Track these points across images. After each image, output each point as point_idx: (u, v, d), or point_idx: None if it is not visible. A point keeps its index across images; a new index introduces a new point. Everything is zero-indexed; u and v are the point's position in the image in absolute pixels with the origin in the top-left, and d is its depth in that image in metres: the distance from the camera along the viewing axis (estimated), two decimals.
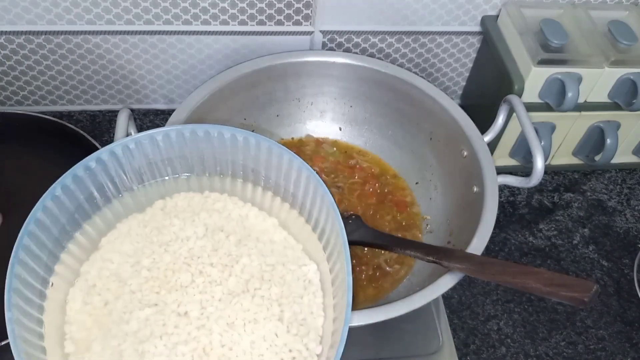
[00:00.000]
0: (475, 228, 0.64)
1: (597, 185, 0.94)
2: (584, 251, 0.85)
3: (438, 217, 0.78)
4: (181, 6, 0.80)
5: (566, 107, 0.78)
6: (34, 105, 0.93)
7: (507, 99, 0.72)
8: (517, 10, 0.83)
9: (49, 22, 0.80)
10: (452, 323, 0.76)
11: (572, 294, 0.49)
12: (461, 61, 0.94)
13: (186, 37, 0.84)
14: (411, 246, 0.67)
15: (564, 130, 0.87)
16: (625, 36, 0.81)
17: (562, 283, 0.50)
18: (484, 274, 0.56)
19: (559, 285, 0.50)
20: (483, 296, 0.79)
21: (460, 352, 0.73)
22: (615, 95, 0.82)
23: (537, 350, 0.75)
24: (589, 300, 0.48)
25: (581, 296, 0.48)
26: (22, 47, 0.83)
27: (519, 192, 0.91)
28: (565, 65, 0.78)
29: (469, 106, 0.93)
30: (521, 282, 0.52)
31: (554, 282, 0.50)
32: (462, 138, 0.73)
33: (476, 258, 0.59)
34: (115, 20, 0.81)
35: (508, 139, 0.86)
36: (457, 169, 0.75)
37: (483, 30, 0.87)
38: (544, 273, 0.52)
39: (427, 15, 0.85)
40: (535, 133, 0.67)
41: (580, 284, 0.49)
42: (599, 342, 0.76)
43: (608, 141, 0.85)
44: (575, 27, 0.82)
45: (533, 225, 0.87)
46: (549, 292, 0.50)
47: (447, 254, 0.58)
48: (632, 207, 0.91)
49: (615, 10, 0.86)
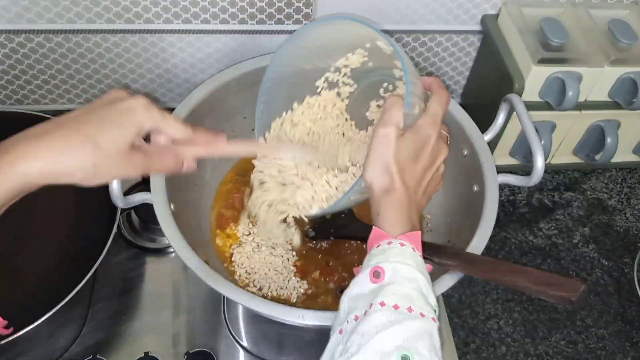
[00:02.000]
0: (475, 227, 0.64)
1: (597, 184, 0.94)
2: (584, 250, 0.85)
3: (438, 216, 0.78)
4: (181, 5, 0.80)
5: (566, 106, 0.78)
6: (33, 104, 0.92)
7: (507, 98, 0.72)
8: (518, 9, 0.83)
9: (48, 20, 0.80)
10: (452, 322, 0.76)
11: (560, 293, 0.49)
12: (461, 60, 0.94)
13: (186, 35, 0.84)
14: None
15: (564, 129, 0.87)
16: (625, 35, 0.81)
17: (551, 282, 0.50)
18: (474, 271, 0.56)
19: (547, 284, 0.50)
20: (483, 295, 0.79)
21: (460, 351, 0.73)
22: (616, 94, 0.82)
23: (537, 350, 0.75)
24: (576, 299, 0.48)
25: (569, 295, 0.49)
26: (22, 45, 0.83)
27: (519, 191, 0.91)
28: (566, 64, 0.78)
29: (469, 105, 0.93)
30: (510, 281, 0.52)
31: (543, 281, 0.51)
32: (462, 137, 0.73)
33: (467, 255, 0.59)
34: (114, 19, 0.81)
35: (508, 138, 0.86)
36: (457, 168, 0.75)
37: (483, 29, 0.87)
38: (533, 272, 0.52)
39: (427, 14, 0.85)
40: (536, 132, 0.66)
41: (569, 283, 0.50)
42: (599, 341, 0.76)
43: (608, 140, 0.85)
44: (576, 26, 0.82)
45: (533, 224, 0.87)
46: (538, 291, 0.51)
47: (437, 250, 0.58)
48: (632, 206, 0.91)
49: (616, 9, 0.86)
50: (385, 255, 0.48)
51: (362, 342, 0.42)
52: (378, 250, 0.49)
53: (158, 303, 0.74)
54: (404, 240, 0.49)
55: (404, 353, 0.41)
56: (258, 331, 0.73)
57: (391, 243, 0.49)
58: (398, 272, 0.47)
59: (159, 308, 0.74)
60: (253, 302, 0.57)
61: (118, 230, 0.79)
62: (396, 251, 0.48)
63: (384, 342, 0.42)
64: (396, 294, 0.45)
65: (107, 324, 0.72)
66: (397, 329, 0.43)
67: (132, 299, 0.75)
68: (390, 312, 0.44)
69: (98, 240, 0.67)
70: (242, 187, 0.78)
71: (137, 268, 0.78)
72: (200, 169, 0.77)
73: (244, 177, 0.79)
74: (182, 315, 0.74)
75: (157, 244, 0.80)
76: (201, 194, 0.78)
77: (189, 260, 0.59)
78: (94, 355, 0.69)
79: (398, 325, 0.43)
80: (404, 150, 0.53)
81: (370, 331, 0.43)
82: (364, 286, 0.47)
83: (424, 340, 0.43)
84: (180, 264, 0.77)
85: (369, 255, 0.50)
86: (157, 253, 0.80)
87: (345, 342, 0.43)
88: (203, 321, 0.73)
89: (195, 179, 0.77)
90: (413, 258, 0.48)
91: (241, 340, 0.72)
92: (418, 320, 0.44)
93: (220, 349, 0.70)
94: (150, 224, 0.80)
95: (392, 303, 0.44)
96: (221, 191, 0.80)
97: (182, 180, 0.71)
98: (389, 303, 0.44)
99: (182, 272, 0.78)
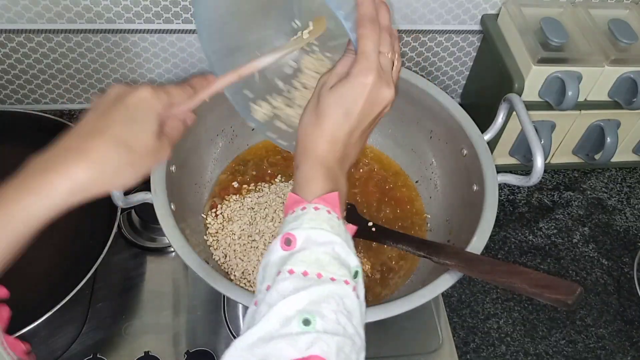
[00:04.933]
0: (475, 226, 0.64)
1: (597, 183, 0.94)
2: (583, 250, 0.85)
3: (438, 215, 0.78)
4: (181, 5, 0.80)
5: (566, 105, 0.78)
6: (34, 103, 0.92)
7: (507, 98, 0.72)
8: (517, 9, 0.83)
9: (48, 20, 0.80)
10: (452, 321, 0.76)
11: (556, 296, 0.49)
12: (461, 60, 0.94)
13: (186, 35, 0.84)
14: (403, 240, 0.67)
15: (564, 128, 0.87)
16: (625, 35, 0.81)
17: (548, 284, 0.51)
18: (472, 271, 0.56)
19: (544, 287, 0.50)
20: (483, 295, 0.79)
21: (460, 350, 0.74)
22: (616, 94, 0.82)
23: (537, 349, 0.75)
24: (572, 302, 0.49)
25: (565, 298, 0.49)
26: (22, 45, 0.83)
27: (519, 191, 0.91)
28: (566, 63, 0.78)
29: (469, 105, 0.93)
30: (507, 282, 0.53)
31: (540, 283, 0.51)
32: (462, 136, 0.73)
33: (466, 255, 0.59)
34: (115, 19, 0.81)
35: (508, 138, 0.86)
36: (457, 168, 0.75)
37: (483, 29, 0.87)
38: (530, 273, 0.52)
39: (427, 13, 0.85)
40: (535, 132, 0.66)
41: (565, 286, 0.50)
42: (598, 341, 0.76)
43: (608, 140, 0.85)
44: (576, 26, 0.82)
45: (533, 224, 0.87)
46: (534, 293, 0.51)
47: (437, 249, 0.59)
48: (632, 205, 0.91)
49: (616, 9, 0.86)
50: (298, 221, 0.46)
51: (267, 312, 0.41)
52: (292, 217, 0.47)
53: (158, 302, 0.75)
54: (319, 203, 0.46)
55: (305, 316, 0.40)
56: None
57: (305, 208, 0.46)
58: (310, 238, 0.44)
59: (159, 307, 0.74)
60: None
61: (118, 229, 0.79)
62: (310, 216, 0.46)
63: (287, 307, 0.40)
64: (305, 261, 0.43)
65: (107, 323, 0.72)
66: (302, 294, 0.41)
67: (132, 298, 0.75)
68: (298, 279, 0.42)
69: (98, 240, 0.67)
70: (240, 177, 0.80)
71: (137, 268, 0.78)
72: (200, 169, 0.78)
73: (244, 166, 0.81)
74: (182, 315, 0.74)
75: (157, 244, 0.80)
76: (201, 194, 0.78)
77: (189, 260, 0.59)
78: (94, 354, 0.69)
79: (304, 290, 0.41)
80: (330, 102, 0.49)
81: (276, 300, 0.41)
82: (275, 254, 0.45)
83: (330, 302, 0.41)
84: (180, 264, 0.77)
85: (283, 223, 0.48)
86: (157, 253, 0.80)
87: (255, 314, 0.42)
88: (203, 320, 0.73)
89: (196, 179, 0.77)
90: (328, 221, 0.46)
91: None
92: (327, 284, 0.42)
93: (221, 348, 0.70)
94: (150, 223, 0.80)
95: (301, 270, 0.42)
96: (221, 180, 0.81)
97: (182, 180, 0.71)
98: (298, 270, 0.42)
99: (182, 272, 0.78)
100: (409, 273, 0.73)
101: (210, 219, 0.76)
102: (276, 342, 0.39)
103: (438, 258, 0.58)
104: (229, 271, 0.71)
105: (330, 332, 0.40)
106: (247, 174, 0.81)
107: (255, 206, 0.76)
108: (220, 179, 0.80)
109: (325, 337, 0.39)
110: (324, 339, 0.39)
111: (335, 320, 0.41)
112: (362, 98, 0.48)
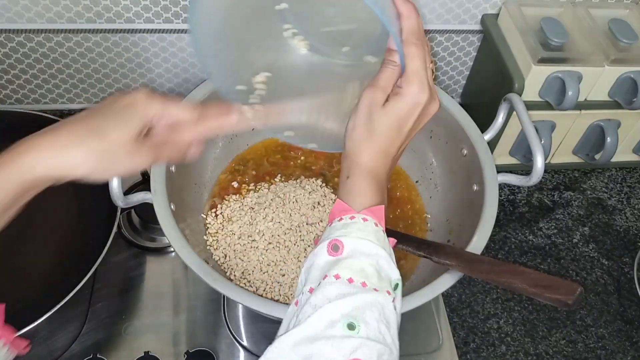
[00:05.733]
0: (475, 226, 0.64)
1: (597, 183, 0.94)
2: (584, 250, 0.85)
3: (438, 215, 0.78)
4: (181, 4, 0.80)
5: (566, 105, 0.78)
6: (34, 103, 0.92)
7: (507, 98, 0.72)
8: (518, 9, 0.83)
9: (48, 20, 0.80)
10: (452, 321, 0.76)
11: (556, 296, 0.49)
12: (461, 60, 0.94)
13: (186, 35, 0.84)
14: (403, 240, 0.67)
15: (564, 128, 0.87)
16: (625, 35, 0.81)
17: (548, 284, 0.50)
18: (472, 271, 0.56)
19: (544, 287, 0.50)
20: (483, 295, 0.79)
21: (460, 350, 0.73)
22: (616, 94, 0.82)
23: (537, 349, 0.75)
24: (572, 302, 0.49)
25: (565, 298, 0.49)
26: (22, 45, 0.83)
27: (519, 191, 0.91)
28: (566, 63, 0.78)
29: (469, 104, 0.93)
30: (507, 282, 0.52)
31: (540, 283, 0.51)
32: (462, 136, 0.73)
33: (466, 255, 0.59)
34: (115, 19, 0.81)
35: (508, 138, 0.86)
36: (457, 168, 0.75)
37: (483, 28, 0.87)
38: (530, 273, 0.52)
39: (427, 13, 0.85)
40: (536, 131, 0.66)
41: (565, 285, 0.50)
42: (598, 341, 0.76)
43: (608, 140, 0.85)
44: (576, 26, 0.82)
45: (533, 224, 0.87)
46: (534, 293, 0.51)
47: (437, 249, 0.59)
48: (632, 205, 0.91)
49: (616, 9, 0.86)
50: (347, 229, 0.47)
51: (313, 314, 0.42)
52: (340, 224, 0.48)
53: (158, 303, 0.74)
54: (368, 215, 0.48)
55: (350, 321, 0.41)
56: (258, 330, 0.73)
57: (354, 218, 0.48)
58: (358, 248, 0.46)
59: (159, 308, 0.74)
60: (253, 301, 0.57)
61: (118, 229, 0.79)
62: (358, 226, 0.47)
63: (332, 311, 0.42)
64: (352, 268, 0.44)
65: (107, 323, 0.72)
66: (348, 300, 0.42)
67: (132, 298, 0.75)
68: (343, 285, 0.43)
69: (98, 240, 0.67)
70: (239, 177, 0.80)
71: (137, 268, 0.78)
72: (200, 169, 0.78)
73: (244, 166, 0.81)
74: (182, 315, 0.74)
75: (157, 244, 0.80)
76: (201, 194, 0.78)
77: (189, 260, 0.59)
78: (94, 354, 0.69)
79: (350, 297, 0.42)
80: (385, 121, 0.50)
81: (321, 302, 0.43)
82: (320, 258, 0.46)
83: (372, 311, 0.43)
84: (180, 264, 0.77)
85: (329, 228, 0.49)
86: (157, 253, 0.80)
87: (299, 313, 0.43)
88: (203, 321, 0.73)
89: (195, 179, 0.77)
90: (375, 234, 0.47)
91: (241, 339, 0.72)
92: (371, 293, 0.44)
93: (221, 348, 0.70)
94: (150, 223, 0.80)
95: (346, 276, 0.44)
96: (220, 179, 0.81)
97: (182, 180, 0.71)
98: (344, 276, 0.44)
99: (182, 272, 0.78)
100: (409, 273, 0.73)
101: (210, 219, 0.76)
102: (320, 343, 0.41)
103: (438, 258, 0.58)
104: (229, 271, 0.71)
105: (373, 339, 0.42)
106: (246, 173, 0.81)
107: (255, 206, 0.76)
108: (220, 178, 0.80)
109: (369, 343, 0.41)
110: (367, 345, 0.41)
111: (376, 329, 0.42)
112: (414, 116, 0.51)
